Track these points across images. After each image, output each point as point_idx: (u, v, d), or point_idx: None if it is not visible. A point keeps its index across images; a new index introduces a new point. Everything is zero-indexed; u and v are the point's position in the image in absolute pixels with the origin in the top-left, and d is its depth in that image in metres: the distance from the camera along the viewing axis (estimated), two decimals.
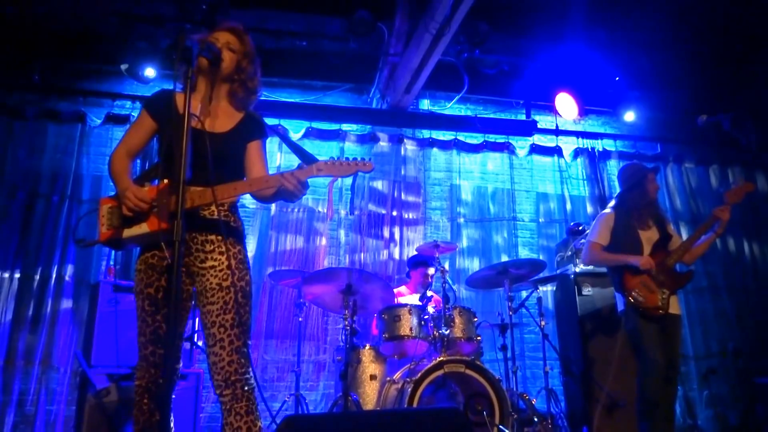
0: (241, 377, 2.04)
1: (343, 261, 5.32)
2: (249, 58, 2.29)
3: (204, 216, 2.13)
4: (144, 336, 2.10)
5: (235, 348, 2.05)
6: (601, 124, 6.54)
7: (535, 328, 4.70)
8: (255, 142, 2.29)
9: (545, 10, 5.11)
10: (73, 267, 4.75)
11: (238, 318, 2.08)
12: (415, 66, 4.95)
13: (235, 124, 2.27)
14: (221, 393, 2.04)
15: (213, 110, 2.26)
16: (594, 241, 3.60)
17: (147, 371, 2.08)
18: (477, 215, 5.78)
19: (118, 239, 2.12)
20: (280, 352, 4.90)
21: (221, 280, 2.09)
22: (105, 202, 2.18)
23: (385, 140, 5.76)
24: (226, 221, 2.17)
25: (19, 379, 4.40)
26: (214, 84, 2.26)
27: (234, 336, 2.06)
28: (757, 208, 6.27)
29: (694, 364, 5.59)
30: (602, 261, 3.60)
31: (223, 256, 2.13)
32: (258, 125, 2.32)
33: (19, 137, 4.99)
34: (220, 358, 2.04)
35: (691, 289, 5.80)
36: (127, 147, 2.28)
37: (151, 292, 2.10)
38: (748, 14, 5.31)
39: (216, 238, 2.13)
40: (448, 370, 3.48)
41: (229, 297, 2.08)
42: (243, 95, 2.30)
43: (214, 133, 2.19)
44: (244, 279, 2.15)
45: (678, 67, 5.80)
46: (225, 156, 2.18)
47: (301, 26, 5.16)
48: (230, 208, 2.22)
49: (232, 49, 2.25)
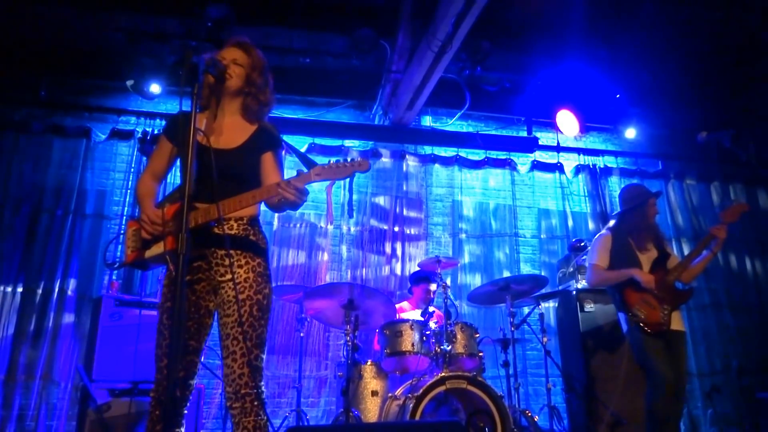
0: (251, 390, 2.05)
1: (345, 276, 5.32)
2: (258, 70, 2.31)
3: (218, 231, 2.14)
4: (160, 348, 2.11)
5: (247, 361, 2.05)
6: (603, 140, 6.57)
7: (537, 345, 4.69)
8: (268, 154, 2.29)
9: (546, 28, 5.17)
10: (76, 281, 4.76)
11: (251, 331, 2.09)
12: (417, 83, 4.99)
13: (247, 138, 2.29)
14: (231, 405, 2.05)
15: (223, 126, 2.28)
16: (594, 263, 3.64)
17: (161, 384, 2.07)
18: (479, 231, 5.79)
19: (142, 260, 2.16)
20: (282, 368, 4.88)
21: (238, 293, 2.10)
22: (131, 224, 2.22)
23: (387, 156, 5.80)
24: (240, 235, 2.18)
25: (20, 393, 4.38)
26: (223, 100, 2.28)
27: (246, 349, 2.06)
28: (759, 225, 6.27)
29: (698, 382, 5.54)
30: (607, 280, 3.61)
31: (241, 269, 2.15)
32: (270, 136, 2.32)
33: (25, 152, 5.03)
34: (232, 370, 2.05)
35: (694, 306, 5.79)
36: (151, 171, 2.35)
37: (171, 305, 2.11)
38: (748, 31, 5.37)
39: (235, 252, 2.15)
40: (450, 386, 3.46)
41: (244, 310, 2.09)
42: (256, 108, 2.32)
43: (222, 149, 2.21)
44: (262, 292, 2.15)
45: (679, 84, 5.85)
46: (234, 171, 2.19)
47: (304, 43, 5.22)
48: (250, 221, 2.23)
49: (238, 64, 2.28)
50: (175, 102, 5.34)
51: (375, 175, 5.72)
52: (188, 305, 2.13)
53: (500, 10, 4.68)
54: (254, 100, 2.30)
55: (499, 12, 4.70)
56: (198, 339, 2.17)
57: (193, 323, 2.14)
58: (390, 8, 4.88)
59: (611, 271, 3.56)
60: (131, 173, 5.19)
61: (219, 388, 4.64)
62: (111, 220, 5.05)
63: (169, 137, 2.31)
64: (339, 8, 5.00)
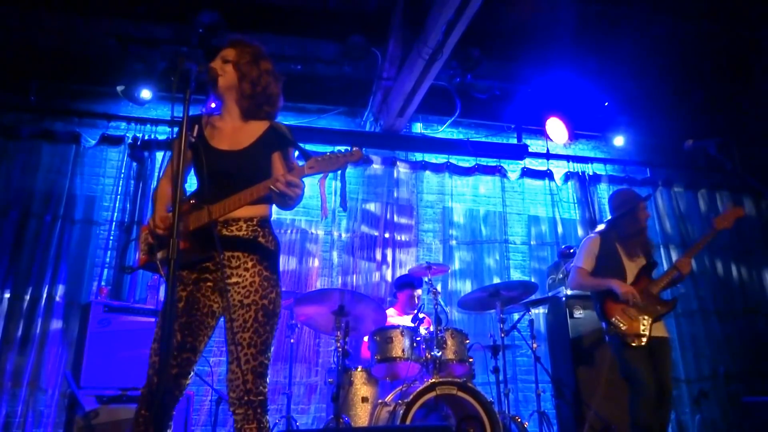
0: (255, 397, 2.04)
1: (336, 282, 5.32)
2: (246, 59, 2.29)
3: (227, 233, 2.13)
4: (157, 342, 2.07)
5: (251, 367, 2.04)
6: (591, 148, 6.64)
7: (527, 351, 4.70)
8: (277, 153, 2.26)
9: (536, 36, 5.23)
10: (65, 287, 4.72)
11: (256, 337, 2.06)
12: (408, 90, 5.02)
13: (255, 139, 2.26)
14: (234, 411, 2.04)
15: (232, 128, 2.28)
16: (579, 266, 3.63)
17: (152, 380, 2.04)
18: (469, 237, 5.81)
19: (153, 263, 2.14)
20: (272, 374, 4.78)
21: (243, 297, 2.09)
22: (144, 229, 2.22)
23: (378, 163, 5.81)
24: (248, 237, 2.15)
25: (6, 401, 4.33)
26: (227, 101, 2.29)
27: (250, 355, 2.05)
28: (744, 232, 6.35)
29: (685, 388, 5.59)
30: (586, 285, 3.62)
31: (247, 272, 2.12)
32: (280, 136, 2.27)
33: (14, 157, 5.00)
34: (236, 375, 2.04)
35: (682, 312, 5.84)
36: (168, 175, 2.31)
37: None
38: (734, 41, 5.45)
39: (242, 255, 2.13)
40: (440, 392, 3.47)
41: (249, 315, 2.07)
42: (260, 100, 2.29)
43: (229, 150, 2.22)
44: (268, 297, 2.11)
45: (666, 92, 5.93)
46: (239, 173, 2.17)
47: (296, 50, 5.25)
48: (260, 222, 2.19)
49: (228, 61, 2.27)
50: (166, 107, 5.33)
51: (366, 182, 5.73)
52: (192, 301, 2.10)
53: (490, 19, 4.73)
54: (252, 88, 2.26)
55: (489, 21, 4.75)
56: (196, 337, 2.12)
57: (194, 320, 2.11)
58: (381, 16, 4.91)
59: (592, 278, 3.56)
60: (121, 179, 5.16)
61: (208, 395, 4.62)
62: (100, 226, 5.02)
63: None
64: (330, 16, 5.03)
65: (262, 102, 2.31)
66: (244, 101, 2.29)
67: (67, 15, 4.84)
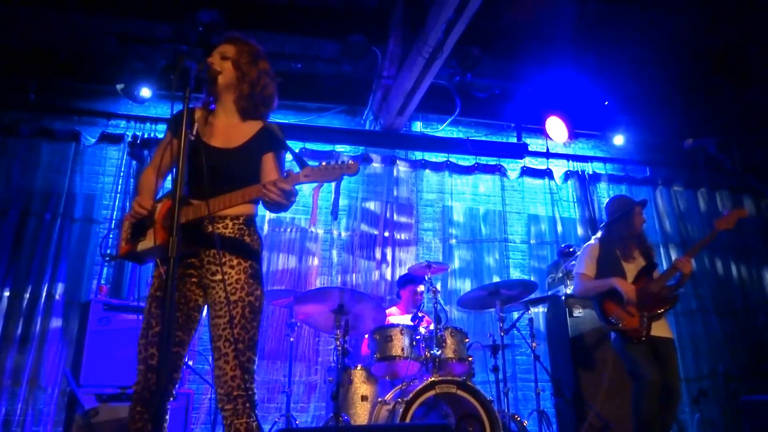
0: (244, 393, 2.04)
1: (335, 281, 5.32)
2: (245, 57, 2.29)
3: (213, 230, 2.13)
4: (145, 338, 2.08)
5: (239, 363, 2.04)
6: (591, 147, 6.63)
7: (526, 350, 4.71)
8: (269, 154, 2.27)
9: (536, 35, 5.23)
10: (64, 285, 4.73)
11: (243, 333, 2.08)
12: (408, 89, 5.02)
13: (248, 139, 2.26)
14: (223, 407, 2.04)
15: (225, 125, 2.28)
16: (581, 272, 3.70)
17: (144, 376, 2.04)
18: (469, 236, 5.81)
19: (135, 253, 2.15)
20: (271, 373, 4.86)
21: (229, 294, 2.09)
22: (127, 218, 2.22)
23: (378, 161, 5.81)
24: (234, 236, 2.16)
25: (6, 399, 4.34)
26: (223, 99, 2.29)
27: (238, 351, 2.06)
28: (744, 231, 6.35)
29: (685, 387, 5.58)
30: (590, 289, 3.67)
31: (233, 270, 2.13)
32: (272, 137, 2.28)
33: (13, 155, 5.00)
34: (224, 372, 2.04)
35: (682, 311, 5.85)
36: (153, 165, 2.34)
37: (160, 295, 2.10)
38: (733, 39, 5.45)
39: (228, 252, 2.14)
40: (439, 390, 3.47)
41: (236, 311, 2.08)
42: (257, 100, 2.29)
43: (221, 148, 2.22)
44: (254, 294, 2.14)
45: (666, 91, 5.92)
46: (230, 171, 2.18)
47: (296, 49, 5.24)
48: (246, 221, 2.21)
49: (226, 58, 2.27)
50: (166, 106, 5.33)
51: (366, 180, 5.73)
52: (177, 297, 2.09)
53: (490, 17, 4.73)
54: (249, 87, 2.27)
55: (489, 19, 4.74)
56: (185, 331, 2.15)
57: (181, 315, 2.12)
58: (381, 15, 4.91)
59: (595, 281, 3.63)
60: (121, 177, 5.16)
61: (208, 394, 4.62)
62: (100, 224, 5.02)
63: (172, 132, 2.29)
64: (330, 14, 5.02)
65: (259, 103, 2.32)
66: (241, 101, 2.29)
67: (67, 13, 4.83)
